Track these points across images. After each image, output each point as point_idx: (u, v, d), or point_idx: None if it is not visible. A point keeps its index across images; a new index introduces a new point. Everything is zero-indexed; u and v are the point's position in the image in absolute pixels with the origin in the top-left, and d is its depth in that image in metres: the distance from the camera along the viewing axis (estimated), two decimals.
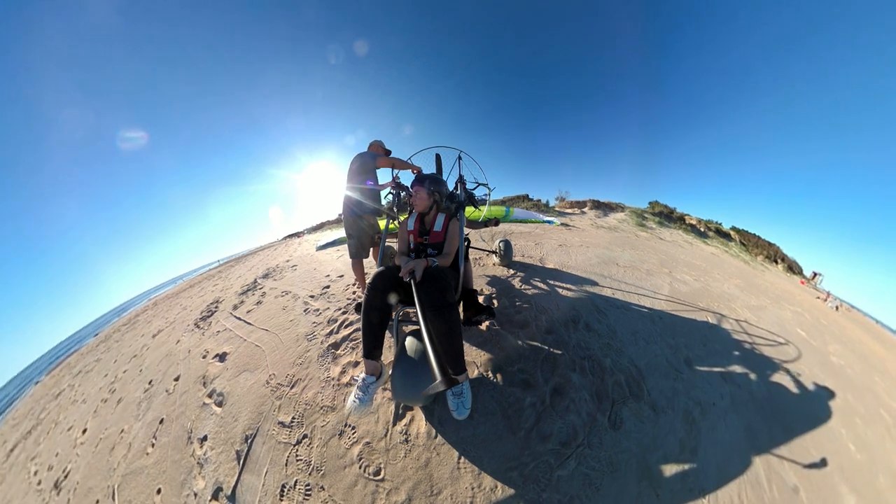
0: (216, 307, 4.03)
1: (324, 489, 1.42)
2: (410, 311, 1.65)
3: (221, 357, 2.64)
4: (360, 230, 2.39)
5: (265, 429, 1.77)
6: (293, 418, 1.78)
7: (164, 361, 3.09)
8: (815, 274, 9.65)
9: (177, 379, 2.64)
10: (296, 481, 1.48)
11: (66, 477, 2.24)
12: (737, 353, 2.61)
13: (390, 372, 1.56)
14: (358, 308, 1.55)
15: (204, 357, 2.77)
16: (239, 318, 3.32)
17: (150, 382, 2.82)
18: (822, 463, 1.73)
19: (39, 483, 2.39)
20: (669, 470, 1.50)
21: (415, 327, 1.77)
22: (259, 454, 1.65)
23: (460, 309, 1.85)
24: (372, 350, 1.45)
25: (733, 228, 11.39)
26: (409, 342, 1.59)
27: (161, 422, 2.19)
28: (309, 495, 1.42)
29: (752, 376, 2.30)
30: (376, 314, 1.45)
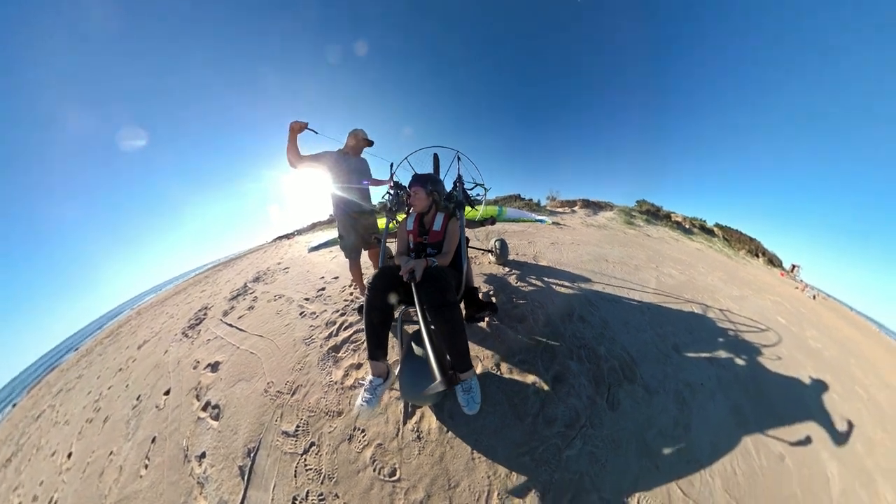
0: (205, 314, 3.88)
1: (338, 497, 1.40)
2: (413, 310, 1.65)
3: (214, 366, 2.55)
4: (355, 230, 2.38)
5: (268, 440, 1.72)
6: (297, 427, 1.74)
7: (153, 374, 2.95)
8: (794, 266, 10.14)
9: (167, 392, 2.53)
10: (307, 492, 1.44)
11: None
12: (721, 339, 2.74)
13: (397, 372, 1.55)
14: (360, 310, 1.54)
15: (195, 367, 2.66)
16: (230, 325, 3.21)
17: (138, 398, 2.69)
18: (805, 435, 1.86)
19: None
20: (666, 445, 1.60)
21: (419, 326, 1.76)
22: (264, 468, 1.61)
23: (462, 307, 1.84)
24: (376, 351, 1.44)
25: (717, 225, 11.83)
26: (416, 341, 1.58)
27: (153, 440, 2.09)
28: None
29: (737, 360, 2.43)
30: (378, 315, 1.44)
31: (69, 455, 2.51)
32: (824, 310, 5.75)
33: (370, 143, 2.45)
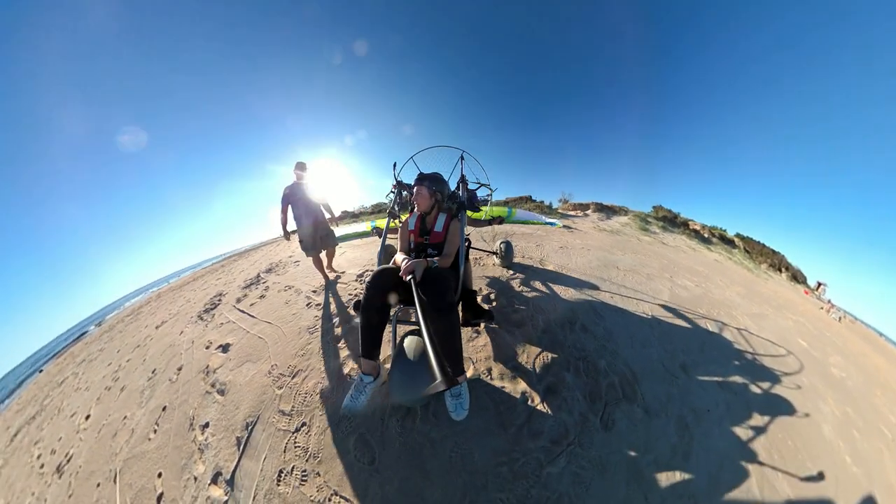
0: (219, 300, 4.08)
1: (319, 475, 1.46)
2: (409, 310, 1.67)
3: (224, 348, 2.69)
4: (312, 237, 3.25)
5: (266, 417, 1.82)
6: (293, 407, 1.83)
7: (168, 352, 3.14)
8: (820, 284, 9.54)
9: (180, 369, 2.68)
10: (293, 467, 1.52)
11: (68, 461, 2.28)
12: (735, 361, 2.59)
13: (388, 372, 1.55)
14: (357, 306, 1.53)
15: (207, 348, 2.82)
16: (242, 311, 3.37)
17: (153, 372, 2.87)
18: (818, 475, 1.71)
19: (42, 466, 2.44)
20: (660, 474, 1.50)
21: (413, 328, 1.77)
22: (259, 441, 1.70)
23: (459, 310, 1.82)
24: (370, 349, 1.43)
25: (737, 235, 11.30)
26: (408, 342, 1.58)
27: (164, 409, 2.24)
28: (305, 481, 1.46)
29: (751, 386, 2.28)
30: (375, 314, 1.43)
31: (87, 417, 2.71)
32: (850, 334, 5.36)
33: (306, 168, 3.27)
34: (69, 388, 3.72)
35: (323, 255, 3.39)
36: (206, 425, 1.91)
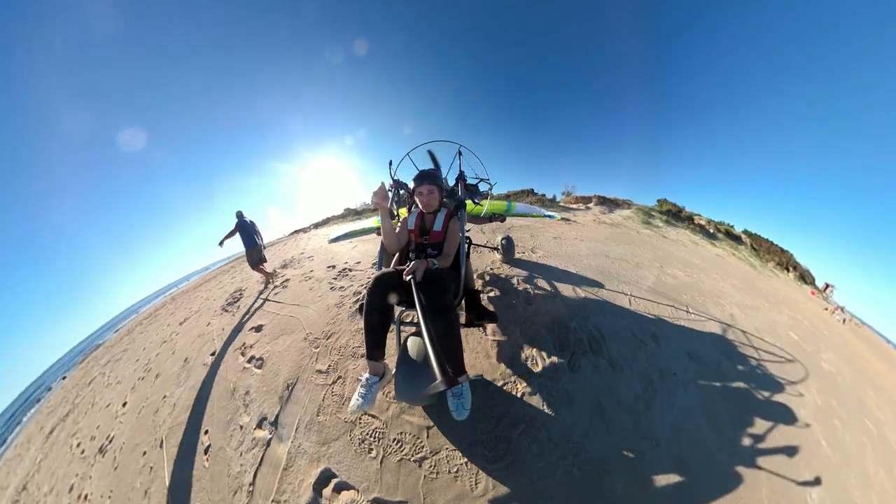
0: (241, 294, 4.26)
1: None
2: (412, 312, 1.74)
3: (258, 328, 2.87)
4: (250, 258, 4.64)
5: (305, 376, 2.01)
6: (329, 366, 2.02)
7: (198, 341, 3.29)
8: (828, 285, 9.25)
9: (213, 353, 2.83)
10: (329, 405, 1.75)
11: (110, 442, 2.42)
12: (712, 341, 2.56)
13: (393, 372, 1.59)
14: (360, 309, 1.59)
15: (239, 330, 2.99)
16: (268, 300, 3.54)
17: (185, 360, 3.01)
18: (785, 451, 1.71)
19: (83, 452, 2.56)
20: (623, 414, 1.66)
21: (416, 328, 1.83)
22: (299, 396, 1.89)
23: (463, 311, 1.84)
24: (374, 351, 1.43)
25: (745, 232, 10.85)
26: (411, 344, 1.63)
27: (203, 382, 2.39)
28: (340, 409, 1.70)
29: (725, 362, 2.29)
30: (377, 316, 1.44)
31: (124, 404, 2.85)
32: (853, 337, 5.11)
33: (241, 213, 4.83)
34: (99, 386, 3.84)
35: (264, 266, 4.87)
36: (248, 392, 2.08)
